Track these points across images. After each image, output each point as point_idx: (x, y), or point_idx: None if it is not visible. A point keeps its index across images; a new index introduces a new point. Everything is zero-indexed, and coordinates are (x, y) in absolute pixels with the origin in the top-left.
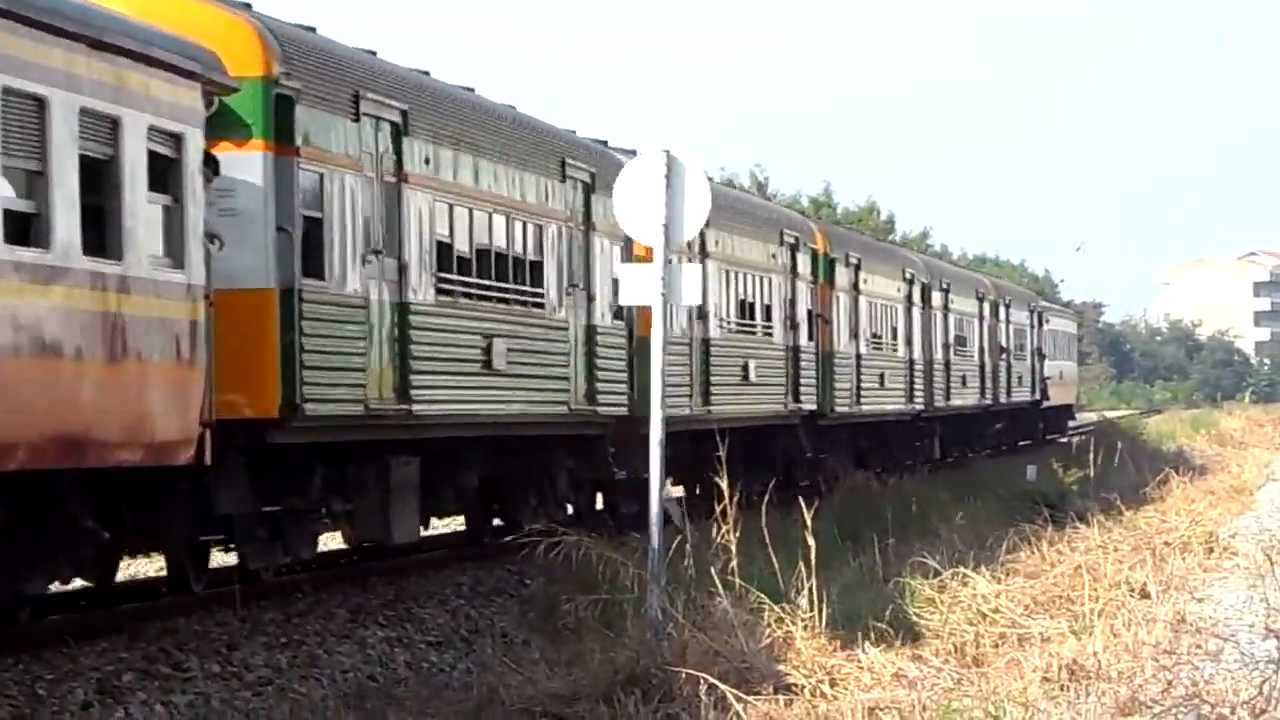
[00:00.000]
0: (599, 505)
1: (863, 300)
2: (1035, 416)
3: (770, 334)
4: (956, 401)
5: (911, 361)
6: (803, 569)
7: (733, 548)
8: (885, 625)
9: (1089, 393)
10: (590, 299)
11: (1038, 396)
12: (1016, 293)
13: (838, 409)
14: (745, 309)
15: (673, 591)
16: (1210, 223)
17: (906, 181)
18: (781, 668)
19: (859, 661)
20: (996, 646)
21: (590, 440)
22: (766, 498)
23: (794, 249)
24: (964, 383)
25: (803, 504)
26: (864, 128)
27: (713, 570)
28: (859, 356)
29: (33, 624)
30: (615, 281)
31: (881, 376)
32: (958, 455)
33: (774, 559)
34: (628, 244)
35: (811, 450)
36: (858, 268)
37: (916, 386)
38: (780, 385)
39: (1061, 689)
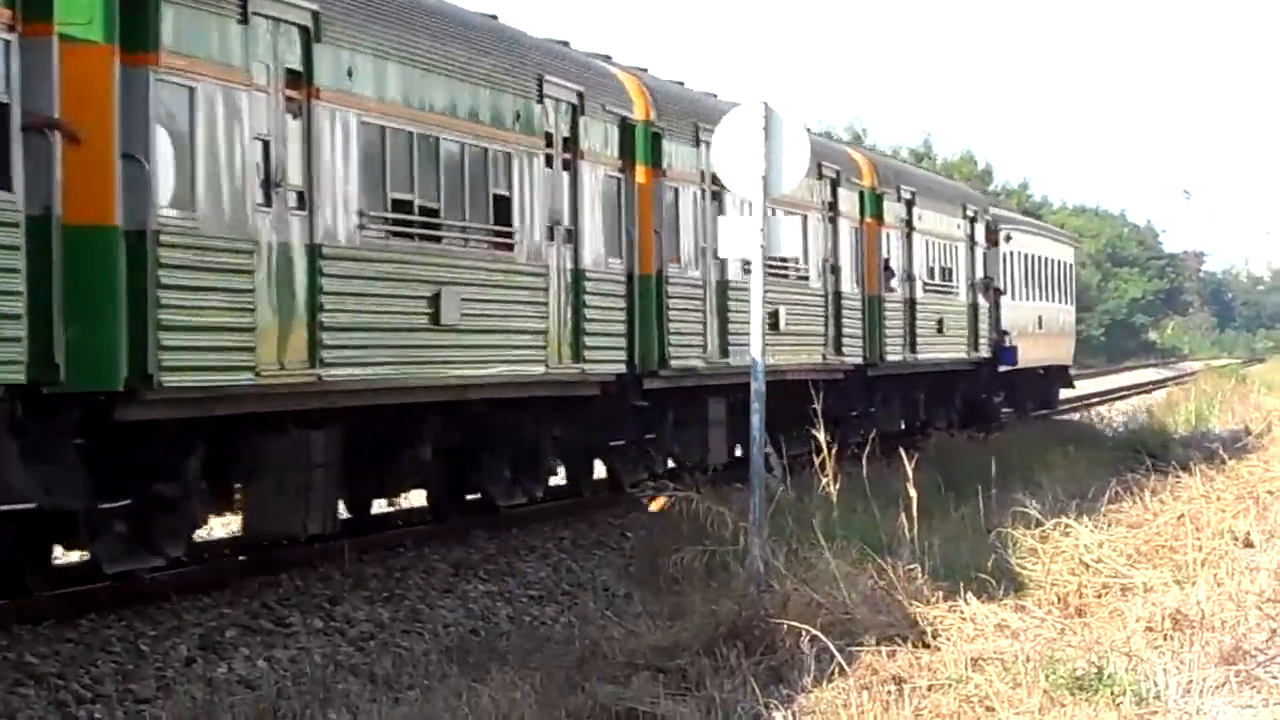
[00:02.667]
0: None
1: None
2: (989, 385)
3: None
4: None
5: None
6: (904, 520)
7: (834, 499)
8: (987, 576)
9: (1191, 342)
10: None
11: (986, 354)
12: (936, 187)
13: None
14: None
15: (774, 544)
16: None
17: (1006, 132)
18: (884, 618)
19: (961, 612)
20: (1099, 597)
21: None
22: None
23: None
24: (780, 325)
25: (904, 455)
26: (963, 78)
27: (814, 522)
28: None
29: (136, 580)
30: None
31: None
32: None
33: (875, 511)
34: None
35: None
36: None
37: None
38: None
39: (1165, 639)
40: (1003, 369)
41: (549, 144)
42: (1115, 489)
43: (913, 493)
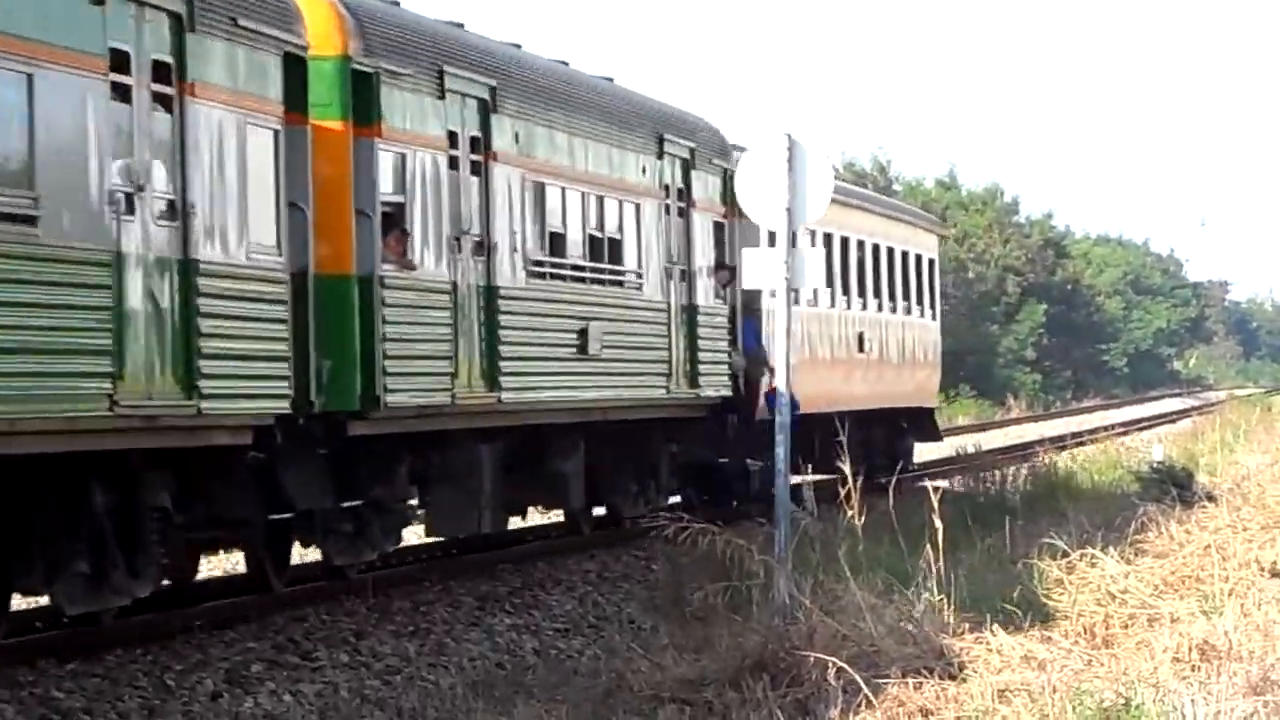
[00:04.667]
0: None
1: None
2: (737, 445)
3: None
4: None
5: None
6: (930, 552)
7: (859, 531)
8: (1013, 607)
9: (1216, 371)
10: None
11: (724, 392)
12: (577, 91)
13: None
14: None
15: (799, 576)
16: None
17: (1030, 164)
18: (910, 650)
19: (988, 644)
20: (1126, 627)
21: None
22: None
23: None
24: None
25: (930, 487)
26: (988, 110)
27: (839, 554)
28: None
29: (161, 614)
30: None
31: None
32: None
33: (901, 542)
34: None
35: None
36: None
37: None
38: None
39: (1192, 669)
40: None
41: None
42: (1141, 519)
43: (938, 524)
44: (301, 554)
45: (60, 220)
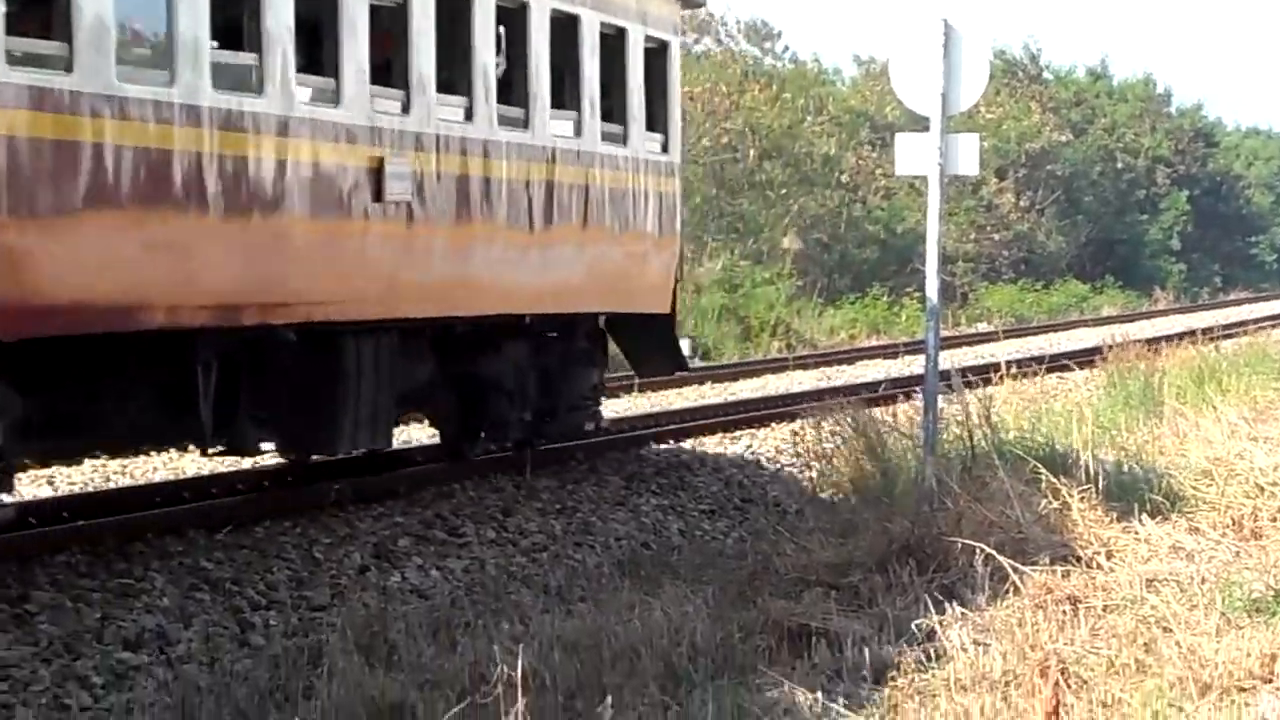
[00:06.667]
0: None
1: None
2: None
3: None
4: None
5: None
6: (1078, 440)
7: (1009, 419)
8: (1161, 498)
9: None
10: None
11: None
12: None
13: None
14: None
15: (948, 462)
16: None
17: (1182, 55)
18: (1057, 539)
19: (1136, 534)
20: (1275, 520)
21: None
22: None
23: None
24: None
25: (1078, 373)
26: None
27: (987, 441)
28: None
29: (311, 487)
30: None
31: None
32: None
33: (1049, 429)
34: None
35: None
36: None
37: None
38: None
39: None
40: None
41: None
42: None
43: (1087, 413)
44: None
45: None
